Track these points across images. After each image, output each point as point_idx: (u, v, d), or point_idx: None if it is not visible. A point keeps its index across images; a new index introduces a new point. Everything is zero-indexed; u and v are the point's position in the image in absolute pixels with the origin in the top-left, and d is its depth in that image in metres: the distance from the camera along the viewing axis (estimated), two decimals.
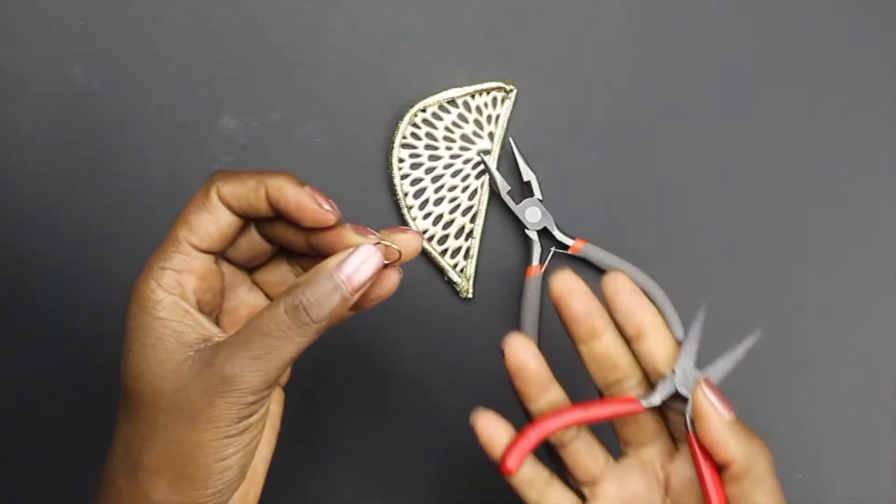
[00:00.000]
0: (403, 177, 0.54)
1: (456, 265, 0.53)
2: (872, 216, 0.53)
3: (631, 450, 0.42)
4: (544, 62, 0.54)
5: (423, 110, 0.54)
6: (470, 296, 0.53)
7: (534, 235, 0.52)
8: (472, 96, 0.54)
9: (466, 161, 0.54)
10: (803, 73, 0.54)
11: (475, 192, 0.54)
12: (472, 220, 0.54)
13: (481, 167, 0.54)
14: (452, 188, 0.54)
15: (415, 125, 0.54)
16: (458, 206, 0.54)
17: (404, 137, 0.54)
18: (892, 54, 0.54)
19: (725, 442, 0.38)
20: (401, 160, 0.54)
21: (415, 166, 0.54)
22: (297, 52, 0.54)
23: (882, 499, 0.52)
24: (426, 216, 0.54)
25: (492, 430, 0.40)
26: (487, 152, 0.54)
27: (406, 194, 0.53)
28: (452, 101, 0.54)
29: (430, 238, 0.54)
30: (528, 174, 0.53)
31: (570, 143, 0.54)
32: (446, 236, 0.54)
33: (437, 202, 0.54)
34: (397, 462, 0.53)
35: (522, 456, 0.39)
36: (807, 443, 0.52)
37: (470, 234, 0.53)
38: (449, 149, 0.54)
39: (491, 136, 0.54)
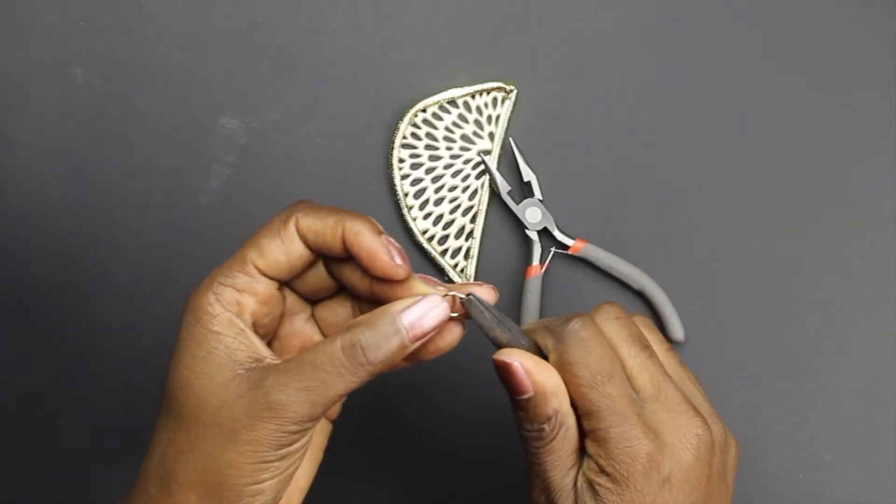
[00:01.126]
0: (404, 177, 0.54)
1: (456, 265, 0.53)
2: (873, 216, 0.53)
3: None
4: (544, 63, 0.54)
5: (424, 110, 0.54)
6: None
7: (534, 235, 0.52)
8: (473, 96, 0.54)
9: (467, 161, 0.54)
10: (803, 72, 0.54)
11: (475, 192, 0.54)
12: (473, 221, 0.54)
13: (481, 167, 0.54)
14: (453, 188, 0.54)
15: (415, 125, 0.54)
16: (458, 206, 0.54)
17: (405, 137, 0.54)
18: (891, 55, 0.54)
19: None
20: (401, 160, 0.54)
21: (415, 166, 0.54)
22: (298, 53, 0.54)
23: (882, 499, 0.52)
24: (426, 216, 0.54)
25: None
26: (487, 152, 0.54)
27: (406, 194, 0.53)
28: (453, 102, 0.54)
29: (430, 238, 0.54)
30: (528, 174, 0.52)
31: (570, 143, 0.54)
32: (446, 236, 0.54)
33: (438, 202, 0.54)
34: (397, 464, 0.53)
35: None
36: (807, 443, 0.52)
37: (470, 235, 0.53)
38: (449, 149, 0.54)
39: (491, 136, 0.54)
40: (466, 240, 0.54)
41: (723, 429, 0.40)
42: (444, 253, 0.53)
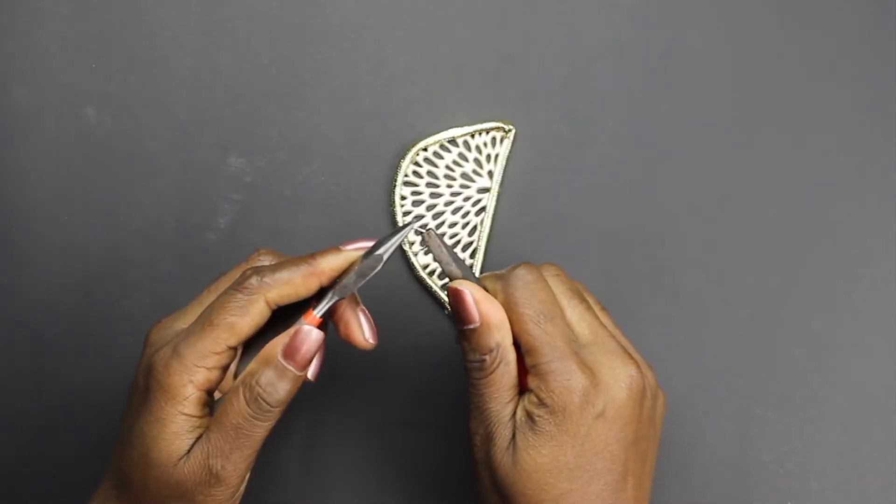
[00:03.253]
0: (405, 213, 0.55)
1: None
2: (859, 254, 0.55)
3: None
4: (542, 103, 0.56)
5: (425, 149, 0.55)
6: None
7: None
8: (472, 136, 0.55)
9: (466, 198, 0.55)
10: (798, 115, 0.55)
11: (475, 228, 0.55)
12: (472, 256, 0.55)
13: (481, 205, 0.55)
14: (453, 224, 0.55)
15: (417, 164, 0.55)
16: (458, 242, 0.55)
17: (406, 175, 0.55)
18: (884, 99, 0.55)
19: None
20: (403, 197, 0.55)
21: (416, 203, 0.55)
22: (303, 94, 0.56)
23: None
24: (427, 252, 0.55)
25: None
26: (487, 190, 0.55)
27: None
28: (453, 141, 0.55)
29: (431, 273, 0.55)
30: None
31: (566, 181, 0.55)
32: None
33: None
34: (399, 490, 0.54)
35: None
36: (795, 472, 0.53)
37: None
38: (450, 186, 0.55)
39: (490, 174, 0.55)
40: None
41: (654, 378, 0.43)
42: (444, 287, 0.55)
